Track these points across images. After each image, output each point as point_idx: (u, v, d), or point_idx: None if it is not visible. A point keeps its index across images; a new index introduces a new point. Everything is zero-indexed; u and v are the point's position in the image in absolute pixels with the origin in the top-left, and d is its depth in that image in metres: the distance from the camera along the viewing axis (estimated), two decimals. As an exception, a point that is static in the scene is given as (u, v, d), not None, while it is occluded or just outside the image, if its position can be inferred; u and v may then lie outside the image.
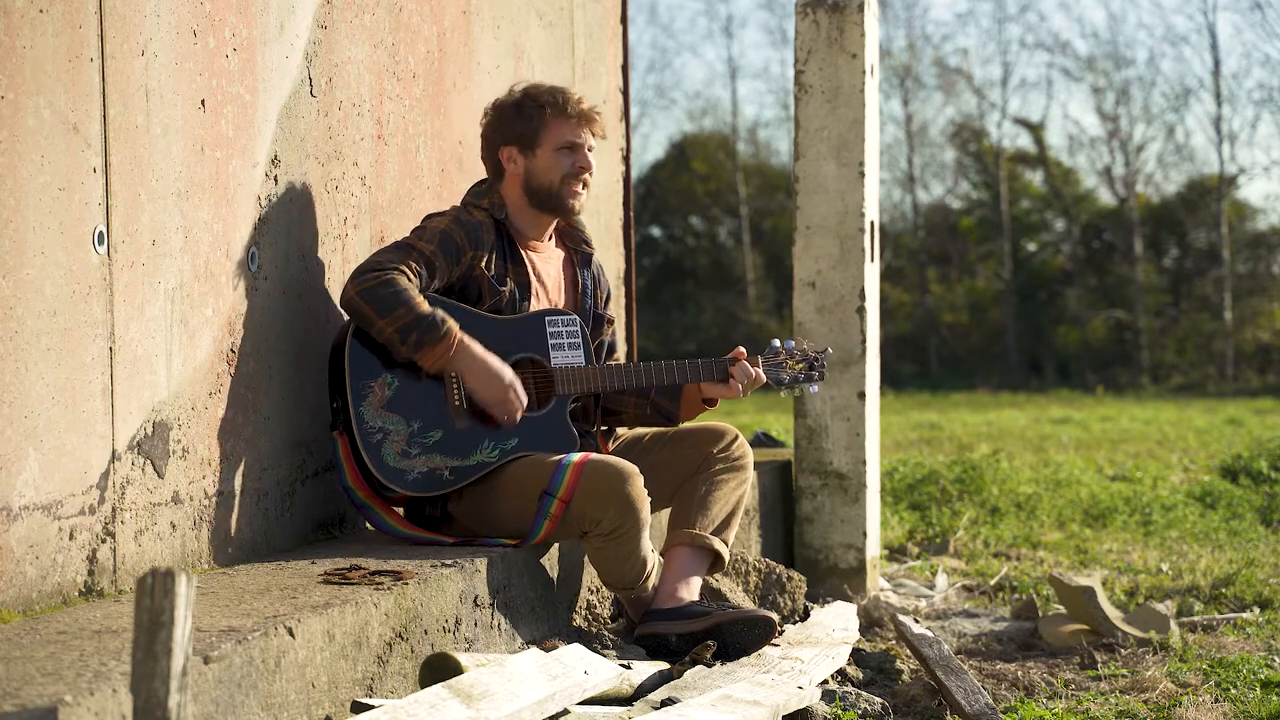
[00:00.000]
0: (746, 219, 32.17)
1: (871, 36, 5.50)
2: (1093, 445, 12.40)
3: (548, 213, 3.99)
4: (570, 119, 3.94)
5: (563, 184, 3.94)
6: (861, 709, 3.65)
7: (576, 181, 3.95)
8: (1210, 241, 30.21)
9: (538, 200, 3.96)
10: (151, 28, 3.16)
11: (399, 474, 3.70)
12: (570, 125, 3.94)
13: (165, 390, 3.25)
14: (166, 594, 2.08)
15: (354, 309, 3.67)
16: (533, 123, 3.94)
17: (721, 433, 4.08)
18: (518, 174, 3.96)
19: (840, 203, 5.41)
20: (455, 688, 2.77)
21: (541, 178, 3.94)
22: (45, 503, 2.90)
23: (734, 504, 4.01)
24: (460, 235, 3.83)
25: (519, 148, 3.96)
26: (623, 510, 3.68)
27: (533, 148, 3.94)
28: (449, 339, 3.67)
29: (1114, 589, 5.50)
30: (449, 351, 3.68)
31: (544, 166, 3.93)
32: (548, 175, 3.93)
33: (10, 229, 2.80)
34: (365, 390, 3.71)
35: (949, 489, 7.59)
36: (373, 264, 3.70)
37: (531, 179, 3.95)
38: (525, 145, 3.95)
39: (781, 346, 4.10)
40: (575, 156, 3.95)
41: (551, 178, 3.94)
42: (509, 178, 3.98)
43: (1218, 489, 8.04)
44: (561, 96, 3.96)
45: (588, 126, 3.97)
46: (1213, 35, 40.63)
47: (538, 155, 3.94)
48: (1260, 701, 3.82)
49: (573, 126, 3.95)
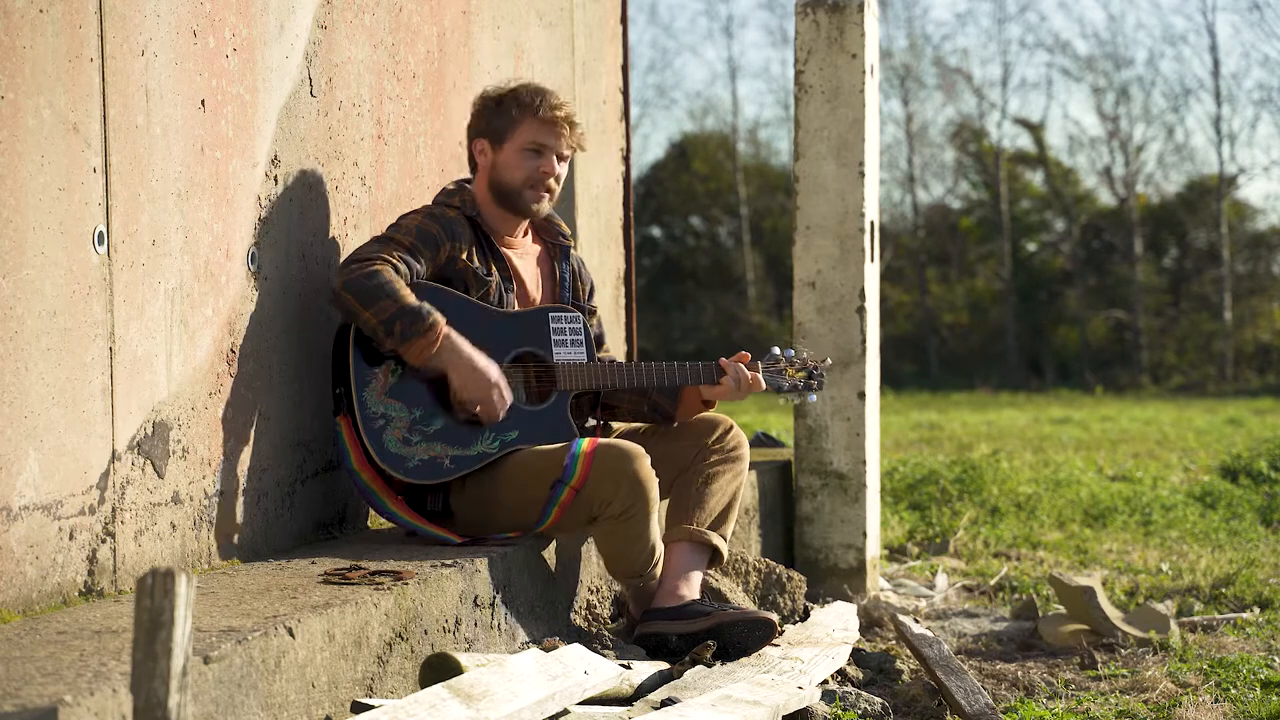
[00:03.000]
0: (746, 219, 32.18)
1: (871, 36, 5.50)
2: (1093, 445, 12.39)
3: (509, 211, 3.96)
4: (542, 122, 3.90)
5: (524, 185, 3.91)
6: (861, 709, 3.65)
7: (540, 186, 3.92)
8: (1210, 241, 30.23)
9: (500, 198, 3.94)
10: (151, 28, 3.16)
11: (399, 460, 3.70)
12: (540, 128, 3.90)
13: (165, 390, 3.25)
14: (166, 594, 2.08)
15: (340, 301, 3.65)
16: (506, 119, 3.92)
17: (716, 424, 4.08)
18: (486, 168, 3.96)
19: (840, 203, 5.42)
20: (455, 688, 2.77)
21: (504, 174, 3.92)
22: (45, 503, 2.90)
23: (731, 495, 4.01)
24: (436, 228, 3.82)
25: (490, 141, 3.95)
26: (633, 490, 3.68)
27: (500, 143, 3.93)
28: (434, 332, 3.63)
29: (1114, 589, 5.50)
30: (433, 346, 3.65)
31: (508, 164, 3.91)
32: (510, 173, 3.91)
33: (10, 229, 2.79)
34: (369, 376, 3.70)
35: (949, 489, 7.59)
36: (357, 255, 3.68)
37: (495, 174, 3.93)
38: (495, 140, 3.94)
39: (781, 354, 4.11)
40: (540, 160, 3.91)
41: (514, 176, 3.91)
42: (480, 171, 3.98)
43: (1218, 489, 8.04)
44: (540, 99, 3.91)
45: (559, 133, 3.91)
46: (1212, 35, 40.72)
47: (504, 151, 3.92)
48: (1260, 701, 3.82)
49: (543, 129, 3.90)
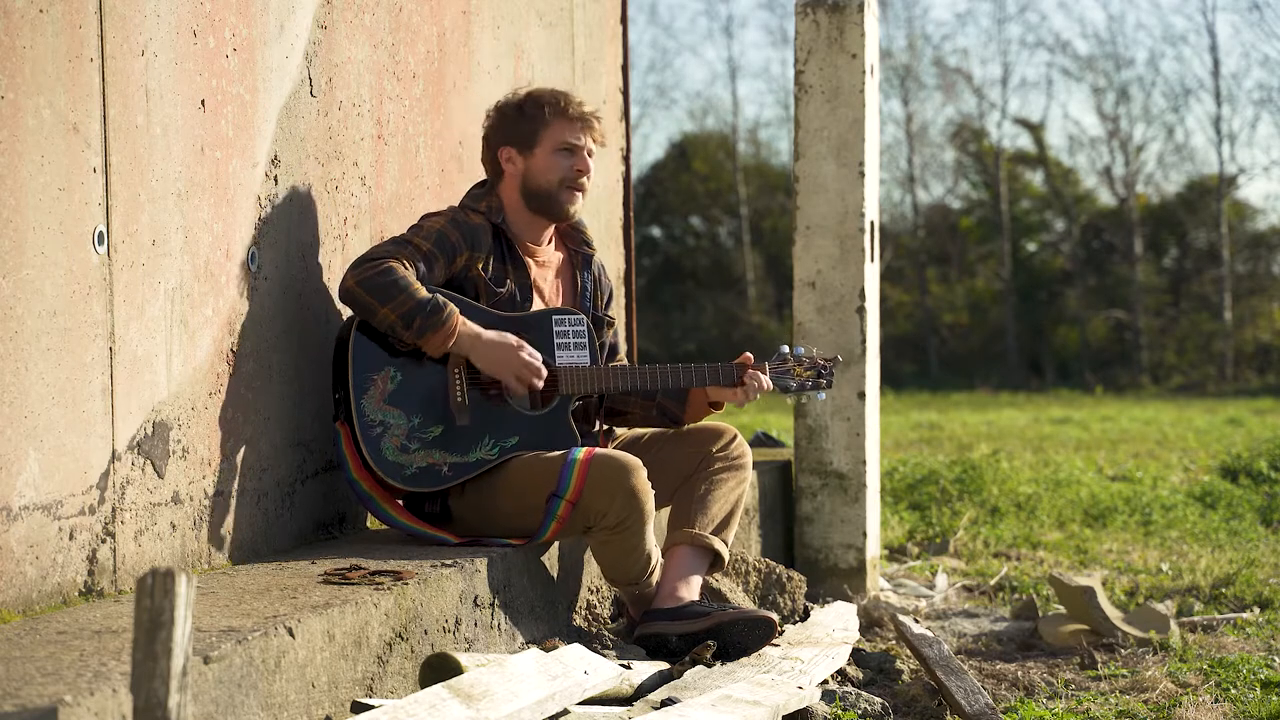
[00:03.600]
0: (746, 219, 32.17)
1: (871, 36, 5.50)
2: (1093, 445, 12.39)
3: (543, 216, 3.97)
4: (571, 120, 3.93)
5: (560, 186, 3.93)
6: (861, 709, 3.65)
7: (575, 185, 3.94)
8: (1210, 241, 30.22)
9: (534, 202, 3.95)
10: (151, 28, 3.16)
11: (397, 468, 3.70)
12: (570, 127, 3.93)
13: (165, 390, 3.25)
14: (166, 594, 2.08)
15: (353, 299, 3.66)
16: (533, 123, 3.93)
17: (720, 432, 4.08)
18: (516, 175, 3.95)
19: (840, 203, 5.42)
20: (455, 688, 2.77)
21: (539, 179, 3.93)
22: (45, 503, 2.90)
23: (733, 503, 4.01)
24: (456, 235, 3.83)
25: (518, 148, 3.95)
26: (627, 503, 3.68)
27: (531, 148, 3.93)
28: (452, 321, 3.67)
29: (1114, 589, 5.50)
30: (453, 334, 3.68)
31: (542, 167, 3.92)
32: (545, 176, 3.93)
33: (10, 229, 2.79)
34: (368, 383, 3.70)
35: (949, 489, 7.59)
36: (370, 255, 3.70)
37: (529, 180, 3.94)
38: (524, 145, 3.94)
39: (789, 353, 4.10)
40: (574, 159, 3.94)
41: (549, 179, 3.92)
42: (507, 179, 3.97)
43: (1218, 489, 8.04)
44: (564, 99, 3.95)
45: (587, 130, 3.96)
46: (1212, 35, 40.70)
47: (536, 155, 3.93)
48: (1260, 701, 3.82)
49: (573, 128, 3.93)
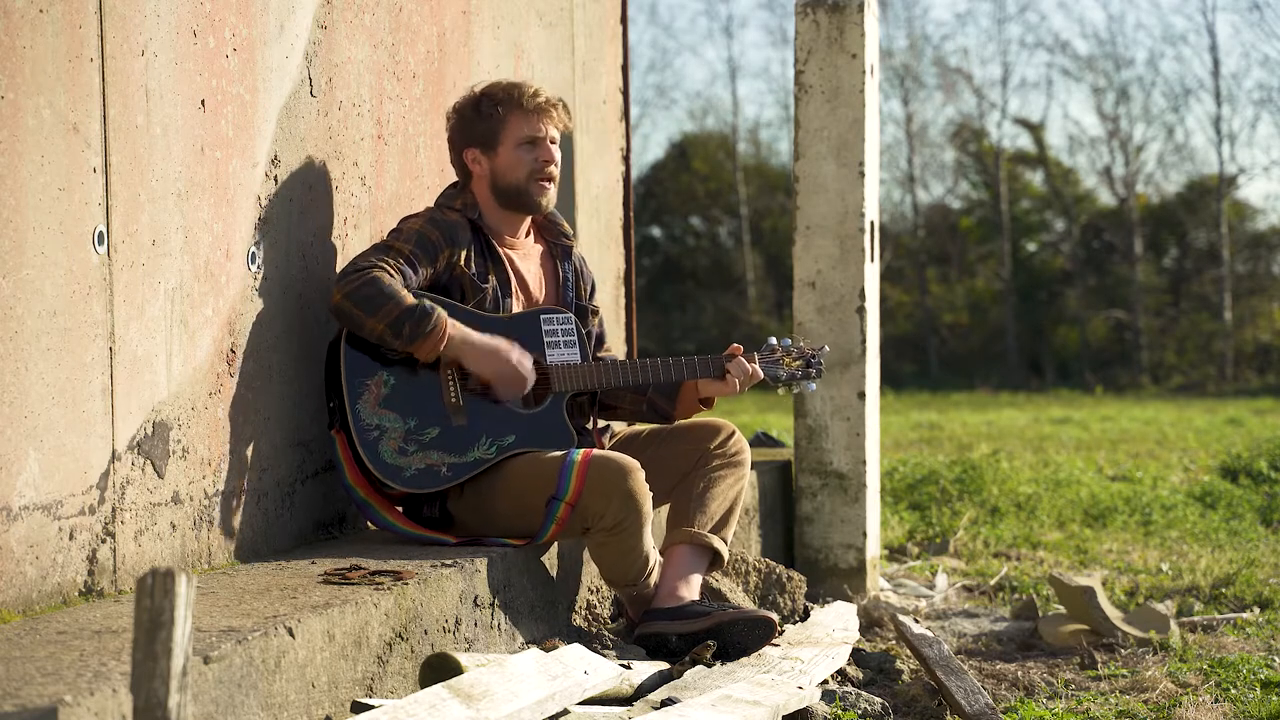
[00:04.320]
0: (746, 219, 32.17)
1: (871, 36, 5.50)
2: (1093, 445, 12.39)
3: (517, 211, 3.96)
4: (528, 113, 3.90)
5: (529, 180, 3.91)
6: (861, 709, 3.65)
7: (542, 175, 3.93)
8: (1210, 241, 30.22)
9: (505, 199, 3.93)
10: (151, 28, 3.16)
11: (396, 471, 3.70)
12: (528, 120, 3.91)
13: (165, 390, 3.25)
14: (166, 594, 2.08)
15: (342, 313, 3.66)
16: (490, 122, 3.91)
17: (718, 428, 4.08)
18: (484, 175, 3.94)
19: (840, 203, 5.42)
20: (455, 688, 2.77)
21: (506, 176, 3.92)
22: (45, 503, 2.90)
23: (732, 500, 4.01)
24: (436, 234, 3.82)
25: (481, 149, 3.93)
26: (625, 505, 3.68)
27: (494, 147, 3.91)
28: (440, 327, 3.66)
29: (1114, 589, 5.50)
30: (442, 339, 3.67)
31: (507, 165, 3.91)
32: (513, 173, 3.91)
33: (10, 229, 2.79)
34: (361, 388, 3.70)
35: (949, 489, 7.59)
36: (353, 266, 3.69)
37: (497, 179, 3.92)
38: (486, 146, 3.92)
39: (778, 344, 4.11)
40: (537, 150, 3.92)
41: (517, 175, 3.91)
42: (476, 180, 3.96)
43: (1218, 489, 8.04)
44: (517, 91, 3.92)
45: (546, 119, 3.92)
46: (1212, 35, 40.69)
47: (500, 154, 3.91)
48: (1260, 701, 3.82)
49: (531, 121, 3.91)
